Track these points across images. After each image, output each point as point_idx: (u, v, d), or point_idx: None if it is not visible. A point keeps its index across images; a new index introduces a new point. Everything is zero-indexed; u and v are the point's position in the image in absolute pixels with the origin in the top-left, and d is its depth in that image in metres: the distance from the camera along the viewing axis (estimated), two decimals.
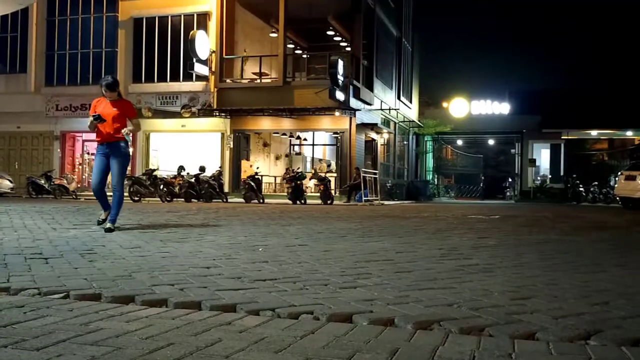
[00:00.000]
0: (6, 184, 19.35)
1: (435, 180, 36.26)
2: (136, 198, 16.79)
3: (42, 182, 19.70)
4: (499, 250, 5.05)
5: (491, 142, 38.71)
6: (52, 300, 2.70)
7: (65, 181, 20.46)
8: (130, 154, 6.69)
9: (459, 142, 38.08)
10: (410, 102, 31.33)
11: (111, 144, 6.43)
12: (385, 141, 26.40)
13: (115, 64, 22.76)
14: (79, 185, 22.14)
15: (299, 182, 17.91)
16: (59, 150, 24.19)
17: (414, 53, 31.87)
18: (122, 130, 6.35)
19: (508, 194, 33.10)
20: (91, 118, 6.33)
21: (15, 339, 1.99)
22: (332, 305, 2.57)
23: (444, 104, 33.97)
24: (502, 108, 33.27)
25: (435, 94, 34.44)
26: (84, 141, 24.78)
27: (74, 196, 19.52)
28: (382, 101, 24.76)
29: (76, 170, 24.54)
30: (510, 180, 34.93)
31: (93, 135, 23.42)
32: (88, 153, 24.92)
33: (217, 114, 21.43)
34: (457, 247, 5.19)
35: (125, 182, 18.54)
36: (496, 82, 34.18)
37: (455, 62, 35.91)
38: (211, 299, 2.69)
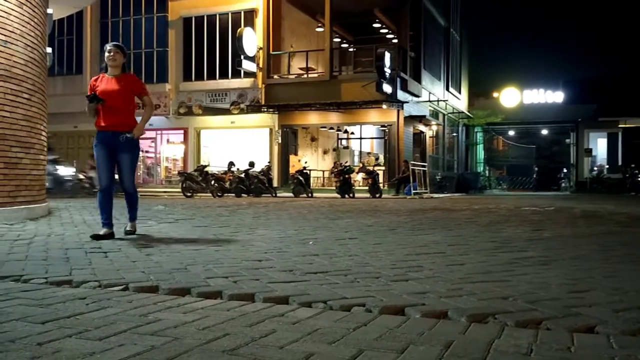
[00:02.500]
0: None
1: (487, 172, 35.54)
2: (188, 194, 17.17)
3: None
4: (555, 242, 4.92)
5: (544, 132, 37.64)
6: (112, 292, 2.80)
7: None
8: (139, 147, 5.43)
9: (511, 133, 37.18)
10: (459, 93, 30.81)
11: (117, 133, 5.12)
12: (434, 133, 26.06)
13: (166, 63, 23.30)
14: None
15: (347, 175, 17.89)
16: None
17: (462, 43, 31.28)
18: (127, 135, 5.12)
19: (563, 185, 32.12)
20: (88, 101, 5.08)
21: (79, 329, 2.08)
22: (384, 297, 2.57)
23: (495, 94, 33.24)
24: (555, 97, 32.32)
25: (485, 84, 33.72)
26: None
27: None
28: (430, 93, 24.44)
29: None
30: (565, 171, 33.87)
31: (148, 133, 23.59)
32: (142, 150, 25.63)
33: (265, 109, 21.65)
34: (510, 240, 5.09)
35: (178, 178, 19.11)
36: (549, 71, 33.17)
37: (506, 50, 35.07)
38: (264, 291, 2.73)
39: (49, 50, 8.23)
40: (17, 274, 3.24)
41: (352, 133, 24.75)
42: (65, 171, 16.81)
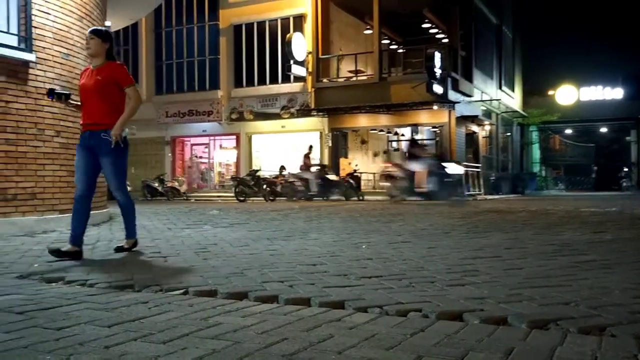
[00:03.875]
0: None
1: (543, 172, 34.56)
2: (241, 198, 17.46)
3: (156, 185, 20.94)
4: (617, 245, 4.74)
5: (603, 130, 36.29)
6: (173, 296, 2.89)
7: (176, 183, 21.65)
8: (125, 147, 4.65)
9: (568, 132, 36.03)
10: (513, 91, 30.11)
11: (94, 133, 4.41)
12: (487, 133, 25.54)
13: (218, 70, 23.76)
14: (188, 187, 23.32)
15: None
16: (169, 154, 25.59)
17: (515, 40, 30.58)
18: (107, 137, 4.39)
19: (624, 184, 30.82)
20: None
21: (143, 332, 2.15)
22: (441, 303, 2.55)
23: (550, 92, 32.31)
24: (614, 93, 31.18)
25: (539, 81, 32.78)
26: (192, 145, 26.10)
27: (185, 197, 20.62)
28: (482, 92, 23.98)
29: (186, 173, 25.86)
30: (626, 169, 32.53)
31: (201, 139, 24.03)
32: (196, 156, 26.22)
33: (315, 113, 21.76)
34: (570, 243, 4.94)
35: (231, 183, 19.45)
36: (608, 66, 31.85)
37: (561, 47, 33.88)
38: (319, 295, 2.75)
39: None
40: (82, 278, 3.39)
41: (403, 135, 24.56)
42: (454, 170, 15.04)
